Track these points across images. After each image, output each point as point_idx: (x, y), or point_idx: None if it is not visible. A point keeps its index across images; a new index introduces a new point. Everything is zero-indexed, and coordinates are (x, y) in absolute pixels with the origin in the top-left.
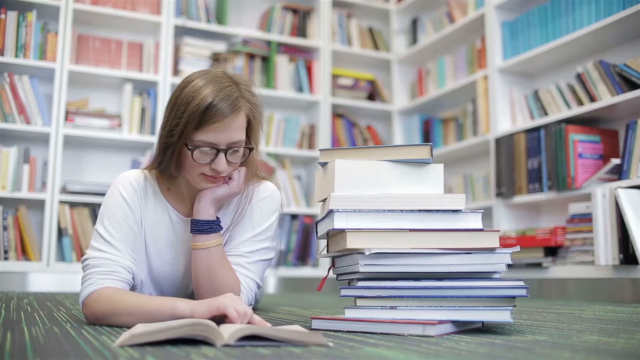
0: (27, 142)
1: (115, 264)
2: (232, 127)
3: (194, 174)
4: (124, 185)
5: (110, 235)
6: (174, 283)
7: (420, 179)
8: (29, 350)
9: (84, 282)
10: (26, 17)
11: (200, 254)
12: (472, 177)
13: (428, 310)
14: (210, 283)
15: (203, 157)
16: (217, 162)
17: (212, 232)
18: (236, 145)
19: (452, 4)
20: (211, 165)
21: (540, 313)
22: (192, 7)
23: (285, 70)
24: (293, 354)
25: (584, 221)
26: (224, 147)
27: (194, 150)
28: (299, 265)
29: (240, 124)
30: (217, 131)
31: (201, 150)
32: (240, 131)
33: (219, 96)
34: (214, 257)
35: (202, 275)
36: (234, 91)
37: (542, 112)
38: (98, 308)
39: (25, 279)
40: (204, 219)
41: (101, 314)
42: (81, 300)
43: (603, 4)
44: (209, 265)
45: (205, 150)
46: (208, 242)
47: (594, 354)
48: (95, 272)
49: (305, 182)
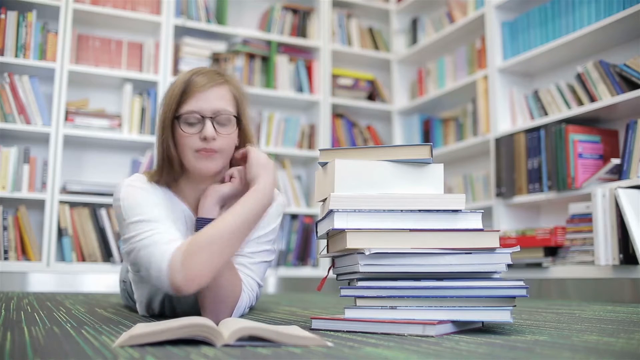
0: (27, 142)
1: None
2: (214, 95)
3: (188, 154)
4: (131, 184)
5: (153, 215)
6: None
7: (420, 179)
8: (29, 350)
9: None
10: (26, 17)
11: None
12: (472, 177)
13: (428, 310)
14: (213, 282)
15: (191, 128)
16: (205, 129)
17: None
18: (222, 113)
19: (452, 4)
20: (200, 134)
21: (540, 313)
22: (192, 7)
23: (285, 70)
24: (293, 354)
25: (584, 221)
26: (209, 114)
27: (181, 122)
28: (299, 265)
29: (223, 94)
30: (199, 99)
31: (188, 121)
32: (223, 101)
33: (198, 73)
34: None
35: None
36: (215, 70)
37: (542, 112)
38: (189, 265)
39: (25, 279)
40: (207, 217)
41: (193, 264)
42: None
43: (603, 4)
44: None
45: (192, 120)
46: None
47: (594, 354)
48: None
49: (305, 182)
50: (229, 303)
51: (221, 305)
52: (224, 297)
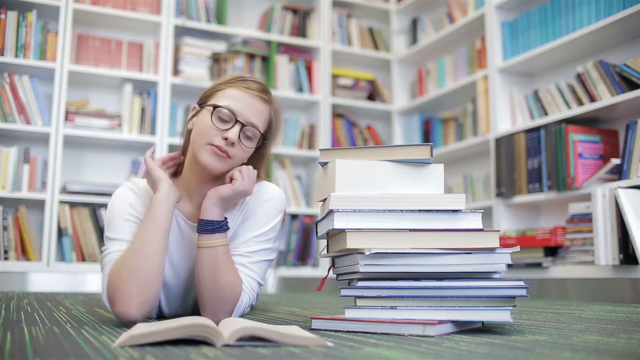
0: (27, 142)
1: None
2: (255, 107)
3: (202, 142)
4: (126, 193)
5: (116, 233)
6: (182, 286)
7: (421, 179)
8: (29, 350)
9: (102, 282)
10: (26, 17)
11: (205, 252)
12: (472, 177)
13: (428, 310)
14: (213, 281)
15: (220, 123)
16: (231, 131)
17: (216, 231)
18: (252, 127)
19: (452, 4)
20: (224, 133)
21: (540, 313)
22: (192, 7)
23: (285, 70)
24: (293, 354)
25: (584, 221)
26: (242, 121)
27: (214, 113)
28: (299, 265)
29: (262, 111)
30: (242, 102)
31: (220, 115)
32: (260, 118)
33: (255, 80)
34: (219, 256)
35: (206, 272)
36: (266, 86)
37: (542, 112)
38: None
39: (25, 279)
40: (209, 218)
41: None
42: (104, 296)
43: (603, 4)
44: (213, 264)
45: (224, 116)
46: (213, 241)
47: (594, 354)
48: (109, 267)
49: (305, 182)
50: (229, 303)
51: (221, 305)
52: (224, 297)
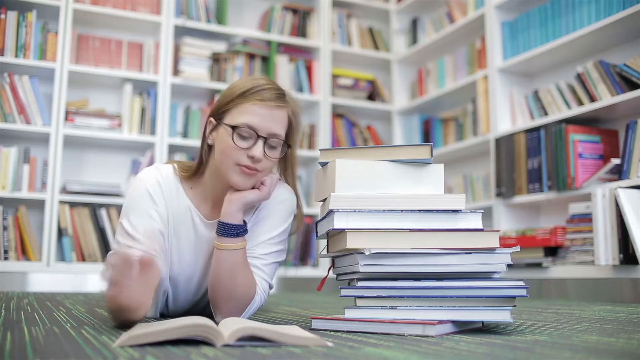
0: (27, 142)
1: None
2: (274, 117)
3: (229, 164)
4: (149, 180)
5: (134, 229)
6: (190, 283)
7: (420, 179)
8: (29, 350)
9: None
10: (26, 17)
11: (224, 254)
12: (472, 177)
13: (428, 310)
14: (230, 283)
15: (242, 142)
16: (255, 148)
17: (239, 235)
18: (275, 138)
19: (452, 4)
20: (249, 152)
21: (540, 313)
22: (192, 7)
23: (285, 70)
24: (293, 354)
25: (584, 221)
26: (264, 135)
27: (234, 133)
28: (299, 265)
29: (282, 118)
30: (260, 116)
31: (241, 133)
32: (280, 125)
33: (269, 84)
34: (237, 259)
35: (223, 274)
36: (280, 89)
37: (542, 112)
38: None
39: (25, 279)
40: (232, 222)
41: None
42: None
43: (603, 4)
44: (232, 266)
45: (245, 134)
46: (234, 244)
47: (594, 354)
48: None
49: (305, 182)
50: (243, 304)
51: (235, 305)
52: (238, 298)
